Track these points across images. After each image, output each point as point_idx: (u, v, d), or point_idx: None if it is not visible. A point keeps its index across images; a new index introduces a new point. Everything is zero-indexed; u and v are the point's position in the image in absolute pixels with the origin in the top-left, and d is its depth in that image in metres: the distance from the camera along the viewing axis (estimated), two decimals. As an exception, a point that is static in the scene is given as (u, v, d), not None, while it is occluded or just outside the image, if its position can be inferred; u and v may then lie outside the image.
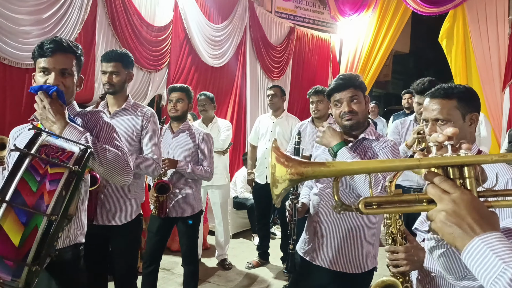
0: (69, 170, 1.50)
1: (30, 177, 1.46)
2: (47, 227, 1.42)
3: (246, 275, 4.77)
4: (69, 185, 1.49)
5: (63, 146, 1.63)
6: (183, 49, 6.40)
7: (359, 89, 2.30)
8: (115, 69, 2.87)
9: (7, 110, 4.25)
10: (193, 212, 3.57)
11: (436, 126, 1.71)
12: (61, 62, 1.89)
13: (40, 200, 1.44)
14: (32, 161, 1.50)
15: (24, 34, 4.30)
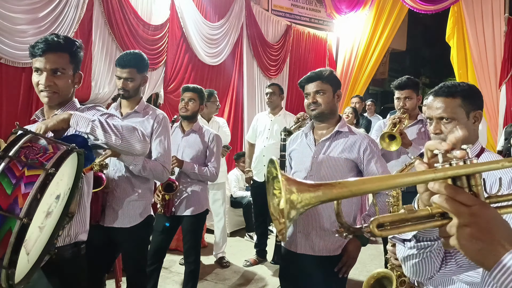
0: (45, 172, 1.47)
1: (5, 180, 1.45)
2: (21, 230, 1.40)
3: (244, 273, 4.78)
4: (44, 188, 1.46)
5: (48, 146, 1.60)
6: (179, 48, 6.39)
7: (327, 83, 2.44)
8: (130, 76, 2.83)
9: (4, 109, 4.24)
10: (199, 211, 3.56)
11: (441, 124, 1.72)
12: (52, 62, 1.86)
13: (14, 203, 1.42)
14: (9, 163, 1.48)
15: (20, 33, 4.28)
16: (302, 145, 2.55)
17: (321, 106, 2.42)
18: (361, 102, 7.42)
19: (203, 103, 3.69)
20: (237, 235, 6.15)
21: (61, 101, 1.96)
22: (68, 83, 1.93)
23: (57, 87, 1.89)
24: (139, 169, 2.73)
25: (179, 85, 6.38)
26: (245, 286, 4.44)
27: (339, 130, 2.47)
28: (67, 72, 1.91)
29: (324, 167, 2.41)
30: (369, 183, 0.84)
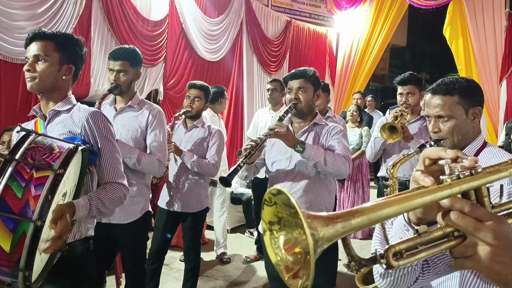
0: (54, 173, 1.48)
1: (14, 183, 1.45)
2: (35, 233, 1.41)
3: (245, 269, 4.77)
4: (54, 188, 1.47)
5: (53, 145, 1.60)
6: (179, 44, 6.37)
7: (309, 82, 2.57)
8: (122, 68, 2.80)
9: (2, 105, 4.22)
10: (199, 209, 3.53)
11: (439, 123, 1.70)
12: (35, 49, 1.85)
13: (26, 206, 1.43)
14: (17, 166, 1.48)
15: (19, 29, 4.26)
16: None
17: (301, 103, 2.55)
18: (363, 98, 7.40)
19: (208, 101, 3.66)
20: (238, 232, 6.15)
21: (43, 90, 1.90)
22: (51, 71, 1.87)
23: (36, 72, 1.84)
24: (134, 162, 2.71)
25: (179, 82, 6.36)
26: (246, 282, 4.43)
27: (316, 122, 2.63)
28: (50, 60, 1.86)
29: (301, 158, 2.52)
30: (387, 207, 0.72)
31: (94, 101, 4.60)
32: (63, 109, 1.94)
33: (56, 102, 1.94)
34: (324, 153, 2.44)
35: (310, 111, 2.62)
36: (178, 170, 3.51)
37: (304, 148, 2.39)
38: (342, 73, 9.57)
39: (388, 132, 3.24)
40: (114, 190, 1.89)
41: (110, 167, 1.93)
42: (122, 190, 1.92)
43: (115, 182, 1.91)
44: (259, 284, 4.38)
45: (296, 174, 2.55)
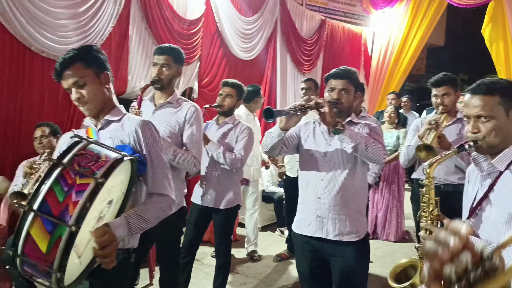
0: (95, 181, 1.51)
1: (58, 187, 1.49)
2: (70, 238, 1.44)
3: (275, 268, 4.79)
4: (93, 196, 1.50)
5: (101, 154, 1.63)
6: (214, 42, 6.44)
7: (352, 83, 2.52)
8: (166, 62, 2.89)
9: (45, 101, 4.38)
10: (230, 206, 3.55)
11: (479, 123, 1.67)
12: (70, 77, 1.85)
13: (65, 210, 1.47)
14: (62, 171, 1.52)
15: (61, 28, 4.42)
16: (316, 132, 2.61)
17: (343, 104, 2.50)
18: (397, 99, 7.28)
19: (241, 99, 3.70)
20: (268, 230, 6.17)
21: (100, 108, 1.94)
22: (95, 88, 1.89)
23: (85, 97, 1.87)
24: (169, 158, 2.76)
25: (213, 80, 6.44)
26: (276, 280, 4.45)
27: (352, 120, 2.58)
28: (88, 79, 1.87)
29: (337, 152, 2.47)
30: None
31: (131, 98, 4.74)
32: (114, 119, 1.97)
33: (106, 113, 1.97)
34: (365, 136, 2.38)
35: (348, 113, 2.59)
36: (210, 166, 3.55)
37: (345, 127, 2.33)
38: (377, 73, 9.44)
39: (425, 152, 3.13)
40: (156, 203, 1.88)
41: (155, 178, 1.93)
42: (165, 202, 1.92)
43: (159, 194, 1.91)
44: (289, 283, 4.39)
45: (331, 169, 2.49)
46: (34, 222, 1.46)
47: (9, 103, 4.14)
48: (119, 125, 1.96)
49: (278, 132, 2.45)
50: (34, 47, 4.22)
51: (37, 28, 4.21)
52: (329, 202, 2.46)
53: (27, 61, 4.25)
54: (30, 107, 4.29)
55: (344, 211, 2.46)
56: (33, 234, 1.45)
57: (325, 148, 2.52)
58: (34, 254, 1.46)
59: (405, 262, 1.84)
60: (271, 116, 2.21)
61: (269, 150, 2.57)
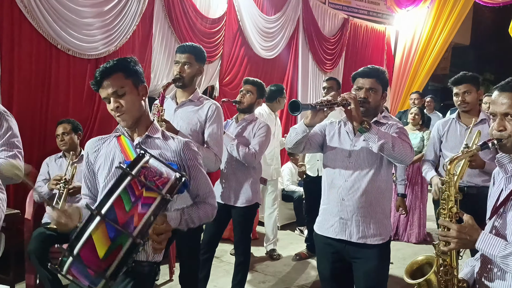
0: (161, 197, 1.54)
1: (126, 196, 1.52)
2: (130, 248, 1.47)
3: (294, 266, 4.79)
4: (158, 211, 1.53)
5: (162, 170, 1.66)
6: (236, 41, 6.46)
7: (380, 83, 2.48)
8: (188, 60, 2.92)
9: (71, 98, 4.47)
10: (249, 203, 3.56)
11: (505, 121, 1.64)
12: (109, 86, 1.87)
13: (130, 220, 1.49)
14: (131, 181, 1.54)
15: (87, 26, 4.49)
16: (341, 132, 2.55)
17: (370, 104, 2.45)
18: (420, 98, 7.17)
19: (262, 97, 3.71)
20: (288, 229, 6.17)
21: (136, 119, 1.95)
22: (133, 99, 1.91)
23: (123, 107, 1.88)
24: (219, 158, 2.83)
25: (235, 78, 6.46)
26: (295, 279, 4.45)
27: (377, 120, 2.51)
28: (128, 89, 1.89)
29: (363, 152, 2.42)
30: None
31: (154, 96, 4.80)
32: (155, 136, 1.99)
33: (143, 127, 1.99)
34: (392, 135, 2.32)
35: (375, 113, 2.52)
36: (230, 164, 3.57)
37: (371, 126, 2.28)
38: (400, 73, 9.32)
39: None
40: (205, 209, 1.99)
41: (202, 188, 2.01)
42: (211, 210, 2.03)
43: (206, 203, 2.01)
44: (308, 282, 4.39)
45: (355, 170, 2.43)
46: (99, 226, 1.47)
47: (35, 99, 4.24)
48: (163, 143, 2.00)
49: (303, 128, 2.40)
50: (60, 45, 4.31)
51: (63, 26, 4.29)
52: (353, 204, 2.41)
53: (53, 59, 4.34)
54: (56, 104, 4.38)
55: (368, 213, 2.41)
56: (95, 238, 1.47)
57: (350, 148, 2.46)
58: (89, 258, 1.48)
59: (421, 259, 1.83)
60: (297, 109, 2.18)
61: (293, 146, 2.52)
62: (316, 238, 2.63)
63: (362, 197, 2.40)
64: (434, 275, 1.73)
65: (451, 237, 1.66)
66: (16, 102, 4.06)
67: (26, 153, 4.25)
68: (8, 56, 3.98)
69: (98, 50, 4.60)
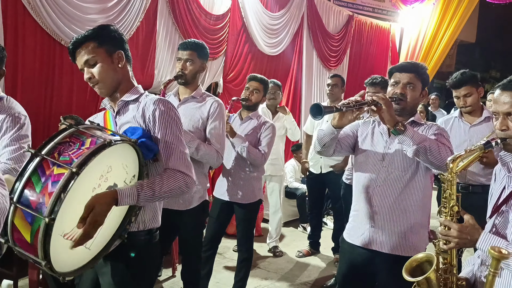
0: (70, 171, 1.46)
1: (36, 178, 1.48)
2: (46, 229, 1.43)
3: (296, 264, 4.79)
4: (66, 187, 1.45)
5: (86, 141, 1.58)
6: (240, 38, 6.45)
7: (419, 79, 2.28)
8: (190, 57, 2.91)
9: (74, 93, 4.48)
10: (252, 200, 3.56)
11: (508, 120, 1.62)
12: (81, 56, 1.81)
13: (42, 201, 1.45)
14: (42, 161, 1.51)
15: (90, 22, 4.49)
16: (374, 132, 2.38)
17: (407, 101, 2.26)
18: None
19: (266, 95, 3.71)
20: (291, 226, 6.17)
21: (113, 88, 1.88)
22: (107, 67, 1.83)
23: (95, 77, 1.82)
24: (193, 151, 2.77)
25: (238, 75, 6.45)
26: (298, 276, 4.45)
27: (415, 120, 2.33)
28: (100, 58, 1.81)
29: (397, 156, 2.24)
30: None
31: (157, 92, 4.79)
32: (131, 99, 1.91)
33: (123, 93, 1.92)
34: (429, 138, 2.12)
35: (412, 111, 2.34)
36: (233, 161, 3.56)
37: (406, 127, 2.10)
38: (405, 70, 9.27)
39: None
40: (172, 178, 1.76)
41: (172, 155, 1.81)
42: (183, 179, 1.79)
43: (177, 170, 1.79)
44: (311, 279, 4.39)
45: (389, 175, 2.26)
46: (16, 213, 1.47)
47: (39, 95, 4.25)
48: (135, 106, 1.90)
49: (330, 130, 2.23)
50: (64, 41, 4.32)
51: (67, 22, 4.30)
52: (386, 212, 2.26)
53: (57, 55, 4.35)
54: (60, 100, 4.40)
55: (402, 222, 2.24)
56: (17, 224, 1.47)
57: (383, 150, 2.29)
58: (22, 244, 1.49)
59: (421, 257, 1.81)
60: (320, 113, 2.01)
61: (321, 150, 2.35)
62: (343, 244, 2.47)
63: (395, 204, 2.24)
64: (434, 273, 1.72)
65: (451, 236, 1.65)
66: (19, 98, 4.06)
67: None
68: (12, 52, 3.98)
69: (102, 46, 4.60)
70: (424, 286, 1.73)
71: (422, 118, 5.71)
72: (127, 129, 1.80)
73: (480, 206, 2.12)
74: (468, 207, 2.06)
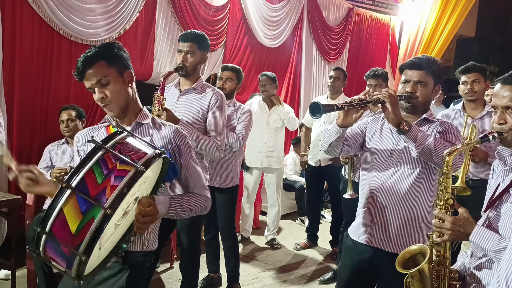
0: (135, 169, 1.50)
1: (98, 169, 1.50)
2: (103, 220, 1.43)
3: (294, 256, 4.80)
4: (132, 184, 1.49)
5: (139, 147, 1.63)
6: (239, 29, 6.41)
7: (431, 75, 2.22)
8: (190, 49, 2.91)
9: (72, 84, 4.44)
10: (230, 185, 3.70)
11: (506, 114, 1.61)
12: (92, 76, 1.79)
13: (102, 192, 1.46)
14: (104, 155, 1.52)
15: (89, 12, 4.45)
16: (383, 128, 2.33)
17: (418, 99, 2.21)
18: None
19: (240, 83, 3.85)
20: (289, 218, 6.18)
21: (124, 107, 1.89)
22: (118, 87, 1.83)
23: (108, 97, 1.81)
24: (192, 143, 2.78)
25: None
26: (295, 269, 4.46)
27: (427, 117, 2.27)
28: (112, 78, 1.81)
29: (406, 152, 2.19)
30: None
31: (156, 84, 4.76)
32: (145, 122, 1.94)
33: (132, 114, 1.93)
34: (434, 138, 2.06)
35: (424, 108, 2.28)
36: None
37: (411, 127, 2.06)
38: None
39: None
40: (197, 200, 1.93)
41: (195, 180, 1.96)
42: (204, 202, 1.97)
43: (200, 194, 1.96)
44: (309, 271, 4.40)
45: (397, 172, 2.22)
46: (69, 200, 1.44)
47: (37, 85, 4.22)
48: (154, 130, 1.94)
49: (336, 129, 2.21)
50: (62, 30, 4.28)
51: (66, 12, 4.26)
52: (392, 210, 2.21)
53: (55, 45, 4.31)
54: (58, 90, 4.36)
55: (408, 221, 2.20)
56: (66, 212, 1.44)
57: (392, 147, 2.23)
58: (61, 234, 1.45)
59: (414, 249, 1.82)
60: (318, 111, 1.99)
61: (328, 149, 2.31)
62: (347, 240, 2.43)
63: (402, 202, 2.20)
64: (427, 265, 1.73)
65: (445, 228, 1.66)
66: (17, 88, 4.04)
67: (27, 139, 4.27)
68: (9, 41, 3.95)
69: (100, 36, 4.56)
70: (416, 278, 1.75)
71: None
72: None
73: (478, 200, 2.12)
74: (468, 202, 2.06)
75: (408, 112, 2.27)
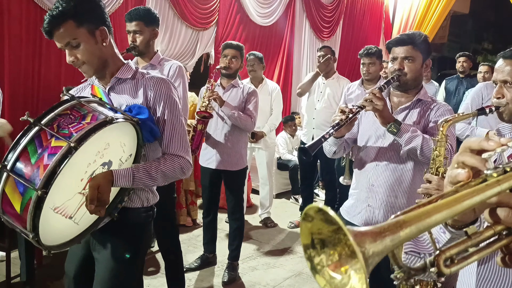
0: (68, 145, 1.42)
1: (32, 148, 1.44)
2: (38, 201, 1.40)
3: (288, 234, 4.85)
4: (63, 161, 1.41)
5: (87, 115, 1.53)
6: (231, 7, 6.32)
7: (418, 49, 2.17)
8: (137, 28, 2.87)
9: (63, 64, 4.38)
10: (240, 167, 3.67)
11: (504, 88, 1.61)
12: (60, 38, 1.65)
13: (36, 172, 1.41)
14: (39, 132, 1.46)
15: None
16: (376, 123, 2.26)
17: (406, 75, 2.16)
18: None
19: (243, 61, 3.72)
20: (283, 197, 6.22)
21: (100, 66, 1.76)
22: (89, 48, 1.69)
23: (79, 59, 1.69)
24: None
25: (230, 46, 6.34)
26: (290, 246, 4.51)
27: (421, 98, 2.23)
28: (81, 38, 1.66)
29: None
30: (435, 212, 0.65)
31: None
32: (126, 77, 1.81)
33: (114, 70, 1.81)
34: (422, 138, 2.03)
35: (415, 85, 2.23)
36: (217, 129, 3.61)
37: (399, 129, 2.04)
38: (398, 41, 9.20)
39: None
40: (169, 163, 1.77)
41: (173, 140, 1.81)
42: (179, 163, 1.80)
43: (174, 155, 1.80)
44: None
45: (388, 154, 2.20)
46: (8, 181, 1.44)
47: (27, 66, 4.16)
48: (132, 84, 1.82)
49: (334, 141, 2.25)
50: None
51: (54, -10, 4.18)
52: (383, 192, 2.20)
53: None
54: (48, 71, 4.31)
55: (400, 204, 2.18)
56: (8, 193, 1.45)
57: (384, 129, 2.18)
58: (11, 213, 1.47)
59: None
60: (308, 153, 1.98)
61: (333, 155, 2.38)
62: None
63: (395, 184, 2.18)
64: None
65: (431, 188, 1.66)
66: (7, 69, 3.99)
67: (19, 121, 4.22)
68: (-3, 21, 3.88)
69: (90, 15, 4.48)
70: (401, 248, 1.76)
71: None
72: (133, 106, 1.72)
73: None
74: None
75: (400, 91, 2.25)
